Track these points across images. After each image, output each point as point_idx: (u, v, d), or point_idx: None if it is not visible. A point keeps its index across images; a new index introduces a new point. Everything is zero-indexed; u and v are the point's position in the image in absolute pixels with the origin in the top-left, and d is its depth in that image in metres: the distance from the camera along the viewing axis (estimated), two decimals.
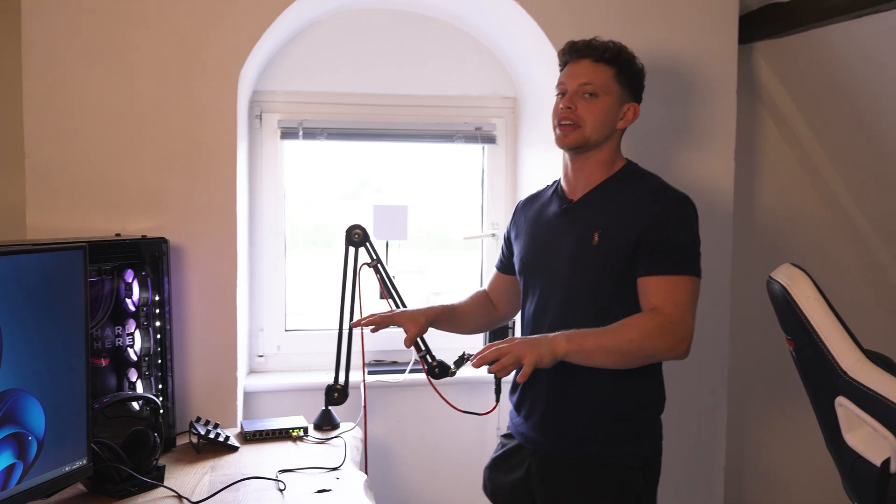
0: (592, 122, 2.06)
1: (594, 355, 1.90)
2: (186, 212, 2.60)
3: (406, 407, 3.03)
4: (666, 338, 1.90)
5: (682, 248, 1.96)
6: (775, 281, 1.87)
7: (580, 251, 2.04)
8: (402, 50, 3.08)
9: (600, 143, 2.09)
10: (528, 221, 2.26)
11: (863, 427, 1.73)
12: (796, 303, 1.78)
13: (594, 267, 2.01)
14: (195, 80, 2.60)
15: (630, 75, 2.10)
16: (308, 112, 3.04)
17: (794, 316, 1.80)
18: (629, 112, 2.11)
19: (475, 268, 3.29)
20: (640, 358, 1.94)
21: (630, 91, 2.11)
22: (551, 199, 2.22)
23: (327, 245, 3.33)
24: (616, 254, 1.98)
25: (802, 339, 1.79)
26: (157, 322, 2.45)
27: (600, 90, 2.06)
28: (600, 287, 2.01)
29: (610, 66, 2.08)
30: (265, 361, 3.08)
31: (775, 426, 3.38)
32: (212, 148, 2.62)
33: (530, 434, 2.13)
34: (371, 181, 3.33)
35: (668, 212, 1.98)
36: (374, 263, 2.60)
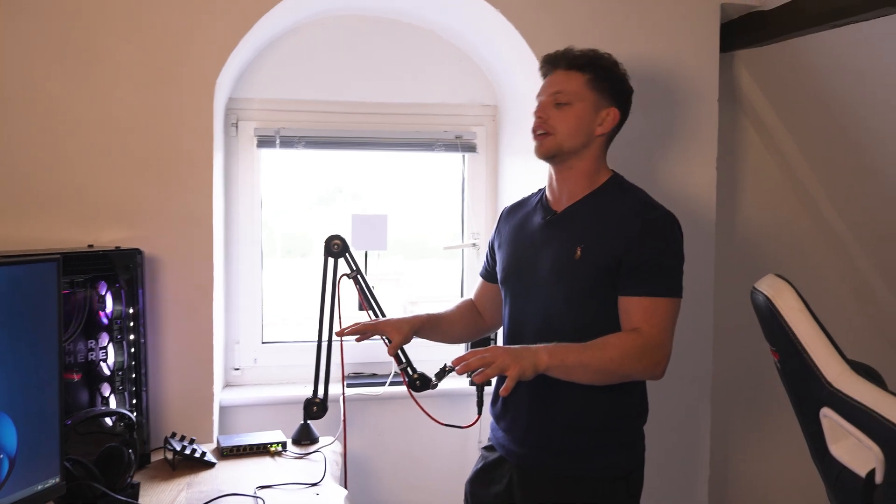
0: (565, 129, 2.07)
1: (574, 371, 1.92)
2: (161, 222, 2.59)
3: (386, 420, 3.03)
4: (644, 360, 1.93)
5: (664, 268, 1.98)
6: (759, 292, 1.89)
7: (562, 264, 2.05)
8: (381, 57, 3.08)
9: (578, 151, 2.10)
10: (511, 230, 2.27)
11: (848, 438, 1.75)
12: (781, 314, 1.80)
13: (575, 281, 2.03)
14: (170, 88, 2.59)
15: (607, 80, 2.11)
16: (285, 120, 3.04)
17: (778, 327, 1.82)
18: (608, 117, 2.11)
19: (455, 277, 3.29)
20: (617, 377, 1.97)
21: (609, 96, 2.11)
22: (535, 208, 2.23)
23: (303, 254, 3.33)
24: (598, 269, 2.00)
25: (787, 350, 1.81)
26: (131, 335, 2.44)
27: (572, 98, 2.07)
28: (581, 301, 2.03)
29: (583, 72, 2.09)
30: (241, 375, 3.06)
31: (759, 436, 3.40)
32: (187, 157, 2.61)
33: (512, 446, 2.14)
34: (347, 188, 3.33)
35: (652, 232, 1.99)
36: (353, 274, 2.60)
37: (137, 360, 2.44)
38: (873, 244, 3.19)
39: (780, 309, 1.80)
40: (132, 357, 2.44)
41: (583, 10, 2.84)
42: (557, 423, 2.06)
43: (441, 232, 3.36)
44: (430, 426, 2.87)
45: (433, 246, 3.40)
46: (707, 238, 2.95)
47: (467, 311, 2.42)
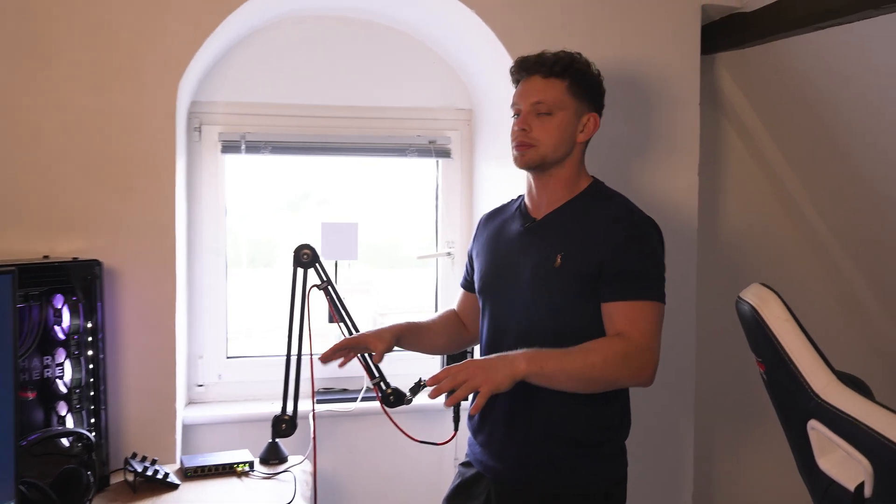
0: (548, 140, 2.04)
1: (555, 378, 1.87)
2: (121, 232, 2.51)
3: (357, 437, 2.96)
4: (630, 364, 1.89)
5: (647, 274, 1.97)
6: (744, 301, 1.86)
7: (542, 273, 2.01)
8: (351, 59, 3.03)
9: (561, 160, 2.07)
10: (488, 238, 2.24)
11: (836, 451, 1.73)
12: (767, 324, 1.78)
13: (556, 289, 1.99)
14: (131, 91, 2.51)
15: (585, 85, 2.08)
16: (251, 124, 2.97)
17: (764, 338, 1.79)
18: (589, 123, 2.09)
19: (429, 288, 3.23)
20: (603, 384, 1.92)
21: (588, 101, 2.09)
22: (514, 215, 2.19)
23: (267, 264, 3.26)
24: (579, 277, 1.97)
25: (773, 361, 1.79)
26: (90, 351, 2.35)
27: (553, 107, 2.04)
28: (561, 309, 2.00)
29: (561, 79, 2.05)
30: (205, 391, 2.98)
31: (744, 449, 3.38)
32: (149, 163, 2.53)
33: (489, 461, 2.10)
34: (314, 195, 3.27)
35: (633, 238, 1.98)
36: (324, 285, 2.53)
37: (96, 376, 2.36)
38: (858, 250, 3.18)
39: (766, 319, 1.78)
40: (90, 374, 2.35)
41: (560, 12, 2.80)
42: (536, 436, 2.03)
43: (414, 240, 3.31)
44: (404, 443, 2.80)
45: (406, 255, 3.35)
46: (689, 245, 2.92)
47: (450, 321, 2.36)
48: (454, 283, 3.17)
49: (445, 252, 3.18)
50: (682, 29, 2.89)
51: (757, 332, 1.81)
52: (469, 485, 2.17)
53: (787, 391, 1.78)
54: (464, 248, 3.17)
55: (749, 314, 1.83)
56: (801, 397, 1.71)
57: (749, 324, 1.85)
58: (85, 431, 2.19)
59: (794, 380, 1.72)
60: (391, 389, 2.43)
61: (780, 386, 1.81)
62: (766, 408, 3.21)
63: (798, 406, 1.74)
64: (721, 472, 3.37)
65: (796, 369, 1.72)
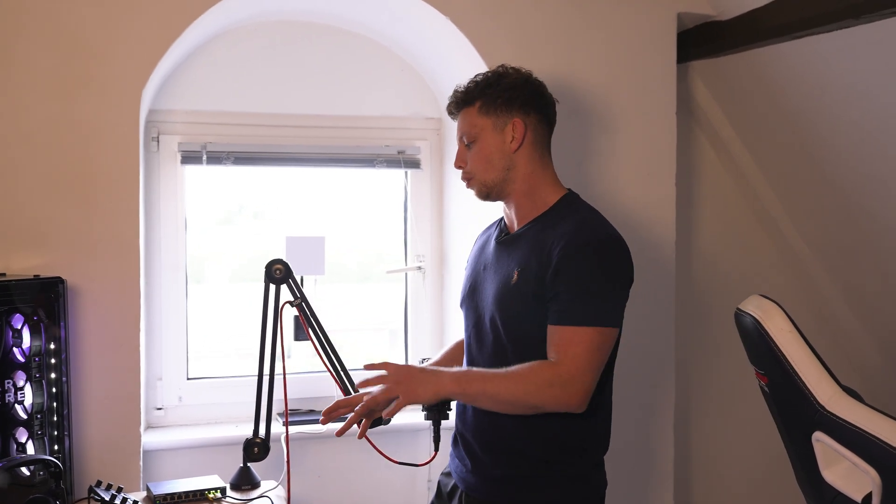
0: (478, 168, 2.15)
1: (478, 400, 2.03)
2: (82, 247, 2.54)
3: (325, 460, 3.01)
4: (554, 392, 1.95)
5: (587, 295, 1.98)
6: (746, 314, 1.96)
7: (502, 289, 2.11)
8: (317, 66, 3.09)
9: (505, 179, 2.14)
10: (474, 254, 2.35)
11: (841, 462, 1.82)
12: (770, 336, 1.87)
13: (512, 306, 2.08)
14: (92, 98, 2.54)
15: (497, 95, 2.12)
16: (212, 134, 3.00)
17: (767, 350, 1.88)
18: (514, 129, 2.12)
19: (398, 303, 3.30)
20: (526, 408, 2.00)
21: (505, 109, 2.12)
22: (497, 230, 2.29)
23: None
24: (528, 295, 2.04)
25: (776, 373, 1.88)
26: (52, 373, 2.37)
27: (472, 135, 2.14)
28: (516, 327, 2.08)
29: (472, 104, 2.15)
30: (164, 415, 3.00)
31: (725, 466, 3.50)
32: (111, 174, 2.57)
33: (463, 474, 2.20)
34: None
35: (571, 258, 1.99)
36: (297, 302, 2.58)
37: (59, 401, 2.38)
38: (833, 262, 3.32)
39: (770, 331, 1.87)
40: (53, 398, 2.37)
41: (536, 18, 2.90)
42: (503, 451, 2.11)
43: (383, 254, 3.37)
44: (375, 465, 2.87)
45: (375, 270, 3.41)
46: (667, 258, 3.04)
47: (458, 350, 2.43)
48: (425, 299, 3.24)
49: (416, 266, 3.25)
50: (658, 37, 3.01)
51: (760, 344, 1.90)
52: (449, 495, 2.27)
53: (790, 403, 1.87)
54: (434, 261, 3.25)
55: (752, 326, 1.92)
56: (805, 409, 1.80)
57: (751, 336, 1.94)
58: (53, 459, 2.20)
59: (798, 392, 1.82)
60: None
61: (783, 398, 1.90)
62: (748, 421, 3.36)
63: (802, 418, 1.83)
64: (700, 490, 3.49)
65: (801, 381, 1.82)
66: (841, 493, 1.84)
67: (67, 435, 2.40)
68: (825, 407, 1.80)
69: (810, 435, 1.85)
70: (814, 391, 1.80)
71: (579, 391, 1.96)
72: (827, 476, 1.87)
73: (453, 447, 2.29)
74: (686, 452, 3.39)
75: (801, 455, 1.91)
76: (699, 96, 3.32)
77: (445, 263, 3.24)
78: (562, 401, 1.97)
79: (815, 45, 2.73)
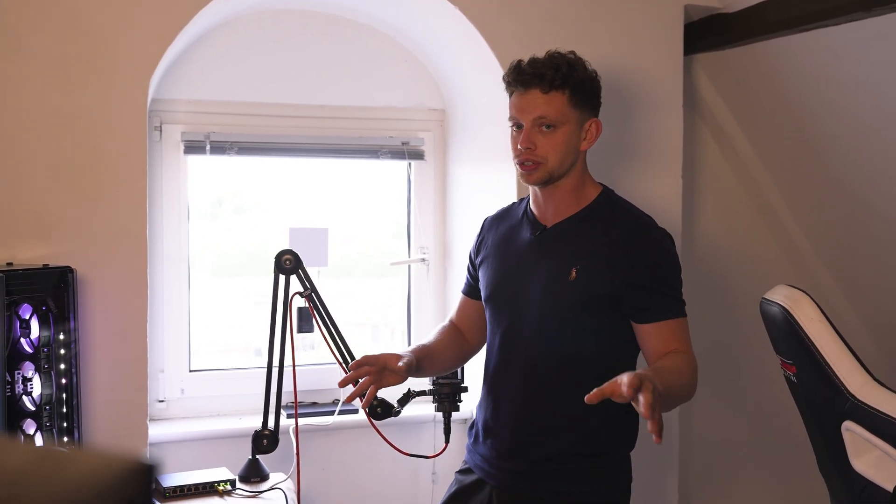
0: (555, 156, 2.11)
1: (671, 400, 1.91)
2: (89, 237, 2.55)
3: (332, 453, 3.04)
4: (694, 381, 2.02)
5: (677, 289, 2.11)
6: (774, 303, 2.00)
7: (555, 286, 2.11)
8: (320, 56, 3.11)
9: (565, 173, 2.15)
10: (496, 243, 2.31)
11: (871, 452, 1.86)
12: (800, 325, 1.91)
13: (570, 304, 2.10)
14: (100, 87, 2.56)
15: (585, 92, 2.15)
16: (216, 124, 3.02)
17: (796, 339, 1.92)
18: (591, 130, 2.16)
19: (401, 296, 3.33)
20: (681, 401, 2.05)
21: (589, 107, 2.17)
22: (522, 221, 2.27)
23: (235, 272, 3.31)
24: (595, 292, 2.07)
25: (805, 362, 1.92)
26: (62, 365, 2.39)
27: (557, 121, 2.10)
28: (576, 324, 2.10)
29: (562, 91, 2.11)
30: (166, 407, 3.02)
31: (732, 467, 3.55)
32: (119, 163, 2.58)
33: (492, 470, 2.19)
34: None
35: (657, 253, 2.10)
36: (307, 293, 2.61)
37: (69, 392, 2.39)
38: (834, 257, 3.38)
39: (800, 320, 1.91)
40: (63, 389, 2.38)
41: (544, 8, 2.93)
42: (541, 445, 2.13)
43: (386, 247, 3.40)
44: (380, 457, 2.90)
45: (378, 262, 3.44)
46: None
47: (451, 336, 2.40)
48: (428, 292, 3.27)
49: (419, 258, 3.28)
50: (665, 29, 3.06)
51: (788, 333, 1.94)
52: (469, 491, 2.25)
53: (819, 393, 1.91)
54: (438, 254, 3.28)
55: (780, 316, 1.96)
56: (836, 399, 1.85)
57: (779, 325, 1.98)
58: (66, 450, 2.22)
59: (828, 381, 1.86)
60: (378, 401, 2.51)
61: (812, 388, 1.94)
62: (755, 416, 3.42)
63: (832, 408, 1.87)
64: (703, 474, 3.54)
65: (831, 370, 1.86)
66: (871, 482, 1.87)
67: (77, 427, 2.42)
68: (856, 396, 1.84)
69: (840, 424, 1.89)
70: (844, 380, 1.84)
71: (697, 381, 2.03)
72: (857, 465, 1.91)
73: (473, 442, 2.28)
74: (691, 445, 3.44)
75: (830, 445, 1.95)
76: (703, 89, 3.36)
77: (449, 256, 3.28)
78: (694, 390, 2.03)
79: (822, 38, 2.78)
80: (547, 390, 2.13)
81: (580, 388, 2.05)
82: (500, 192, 2.89)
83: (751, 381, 3.50)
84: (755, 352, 3.21)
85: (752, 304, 2.66)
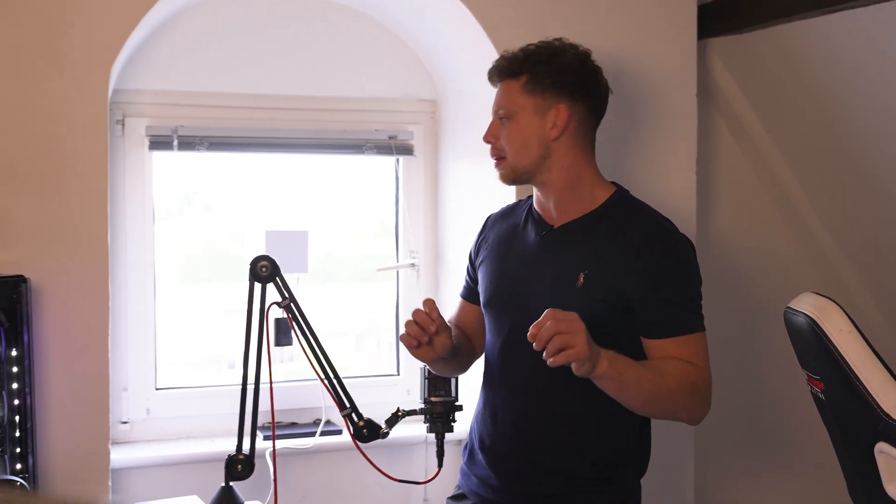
0: (511, 147, 2.14)
1: (627, 390, 1.95)
2: (45, 242, 2.52)
3: (313, 478, 3.00)
4: (695, 398, 2.00)
5: (695, 302, 2.08)
6: (799, 313, 1.96)
7: (562, 291, 2.09)
8: (299, 42, 3.07)
9: (539, 166, 2.13)
10: (497, 243, 2.29)
11: None
12: (829, 337, 1.88)
13: (577, 310, 2.05)
14: (54, 77, 2.52)
15: (547, 76, 2.12)
16: (184, 117, 2.99)
17: (824, 352, 1.89)
18: (557, 116, 2.11)
19: (388, 304, 3.29)
20: (664, 411, 2.04)
21: (552, 92, 2.12)
22: (526, 222, 2.25)
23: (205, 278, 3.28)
24: (604, 299, 2.04)
25: (834, 378, 1.88)
26: (14, 384, 2.35)
27: (510, 111, 2.13)
28: None
29: (517, 77, 2.13)
30: (130, 429, 2.97)
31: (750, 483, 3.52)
32: (77, 160, 2.55)
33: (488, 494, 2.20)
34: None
35: (674, 262, 2.07)
36: (286, 303, 2.56)
37: (23, 414, 2.35)
38: (861, 259, 3.35)
39: (828, 331, 1.87)
40: (15, 411, 2.34)
41: None
42: (542, 467, 2.13)
43: (372, 251, 3.37)
44: (371, 483, 2.86)
45: (364, 267, 3.40)
46: None
47: (462, 336, 2.38)
48: (418, 299, 3.22)
49: (408, 263, 3.24)
50: (677, 11, 3.02)
51: (816, 346, 1.91)
52: None
53: (850, 412, 1.88)
54: (429, 258, 3.24)
55: (806, 327, 1.93)
56: (868, 418, 1.81)
57: (805, 337, 1.95)
58: (18, 479, 2.18)
59: (859, 398, 1.82)
60: (364, 421, 2.47)
61: (842, 406, 1.91)
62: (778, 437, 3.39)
63: (864, 428, 1.84)
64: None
65: (863, 387, 1.82)
66: None
67: (31, 453, 2.37)
68: (890, 415, 1.80)
69: (873, 446, 1.85)
70: (878, 398, 1.81)
71: (708, 403, 2.02)
72: (891, 491, 1.87)
73: (468, 462, 2.27)
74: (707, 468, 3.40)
75: (861, 468, 1.92)
76: (718, 77, 3.33)
77: (441, 260, 3.24)
78: (696, 410, 2.02)
79: (851, 19, 2.74)
80: (550, 406, 2.11)
81: (587, 407, 2.03)
82: (497, 190, 2.83)
83: (773, 398, 3.46)
84: (778, 365, 3.17)
85: (773, 311, 2.62)
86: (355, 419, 2.46)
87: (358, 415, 2.47)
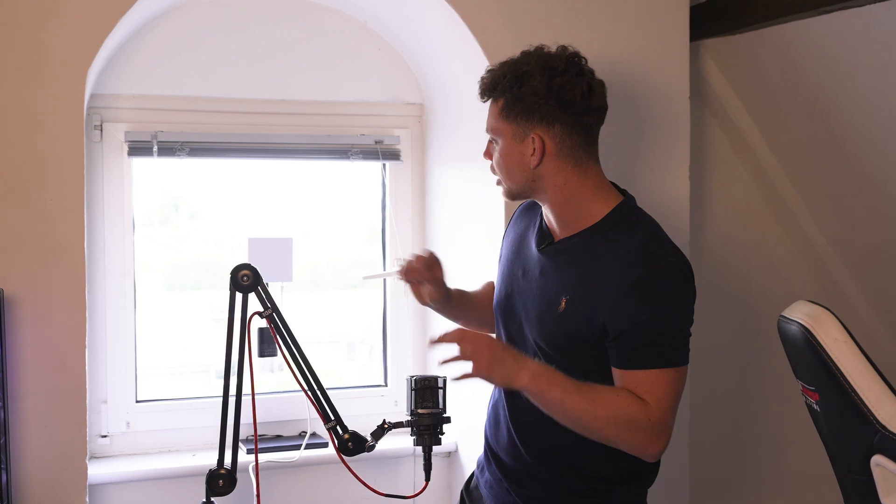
0: (501, 173, 2.12)
1: (551, 407, 1.95)
2: (17, 252, 2.50)
3: (298, 493, 2.98)
4: (634, 434, 1.92)
5: (665, 335, 1.94)
6: (793, 321, 1.94)
7: (546, 315, 2.07)
8: (282, 45, 3.06)
9: (531, 188, 2.09)
10: (512, 243, 2.29)
11: None
12: (823, 347, 1.85)
13: (559, 335, 2.04)
14: (28, 81, 2.50)
15: (519, 100, 2.03)
16: (164, 122, 2.97)
17: (819, 363, 1.86)
18: (535, 145, 2.03)
19: (375, 313, 3.27)
20: (598, 438, 1.96)
21: (525, 119, 2.03)
22: (537, 227, 2.20)
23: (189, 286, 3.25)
24: (581, 327, 1.99)
25: (830, 389, 1.86)
26: None
27: (495, 135, 2.10)
28: (566, 355, 2.04)
29: (496, 100, 2.09)
30: (109, 444, 2.95)
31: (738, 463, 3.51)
32: (53, 167, 2.53)
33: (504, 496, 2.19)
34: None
35: (648, 290, 1.94)
36: (268, 313, 2.52)
37: None
38: (858, 264, 3.33)
39: (822, 341, 1.85)
40: None
41: None
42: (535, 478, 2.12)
43: (358, 257, 3.35)
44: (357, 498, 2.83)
45: (349, 276, 3.38)
46: None
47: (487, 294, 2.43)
48: (406, 308, 3.20)
49: (395, 271, 3.20)
50: (669, 11, 2.99)
51: (810, 356, 1.88)
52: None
53: (845, 424, 1.86)
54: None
55: (800, 336, 1.90)
56: (864, 430, 1.79)
57: (799, 347, 1.92)
58: None
59: (855, 410, 1.80)
60: (349, 434, 2.44)
61: (837, 418, 1.89)
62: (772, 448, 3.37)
63: (860, 440, 1.81)
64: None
65: (859, 398, 1.80)
66: None
67: (5, 468, 2.35)
68: (887, 427, 1.78)
69: (869, 459, 1.83)
70: (874, 410, 1.78)
71: (662, 441, 1.94)
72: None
73: (480, 470, 2.31)
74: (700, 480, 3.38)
75: (857, 482, 1.90)
76: (711, 79, 3.31)
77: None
78: (640, 446, 1.94)
79: (847, 19, 2.72)
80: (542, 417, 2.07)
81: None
82: (487, 195, 2.83)
83: (767, 409, 3.44)
84: (772, 374, 3.16)
85: (767, 317, 2.60)
86: (340, 432, 2.44)
87: (343, 427, 2.45)
